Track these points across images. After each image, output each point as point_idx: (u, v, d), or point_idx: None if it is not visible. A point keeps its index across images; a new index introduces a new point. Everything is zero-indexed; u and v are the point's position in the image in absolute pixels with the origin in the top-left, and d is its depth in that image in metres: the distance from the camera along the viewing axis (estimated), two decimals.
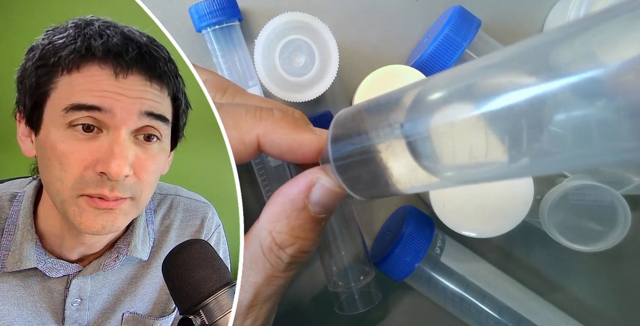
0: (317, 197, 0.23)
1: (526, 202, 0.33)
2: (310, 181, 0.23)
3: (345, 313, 0.38)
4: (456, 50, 0.36)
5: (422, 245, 0.36)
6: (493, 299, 0.37)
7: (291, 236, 0.23)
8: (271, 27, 0.35)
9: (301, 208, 0.23)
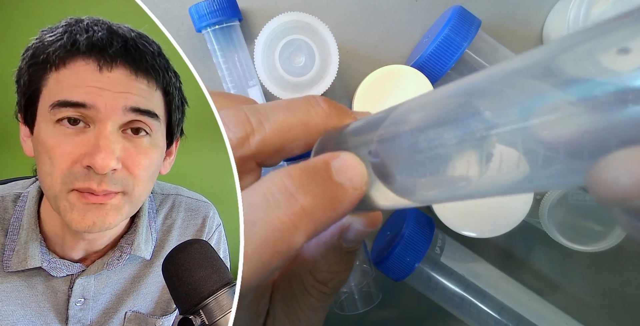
0: (352, 237, 0.23)
1: (526, 201, 0.33)
2: (342, 225, 0.23)
3: (345, 313, 0.38)
4: (456, 50, 0.36)
5: (422, 245, 0.36)
6: (493, 299, 0.37)
7: (330, 272, 0.24)
8: (271, 27, 0.35)
9: (336, 248, 0.24)
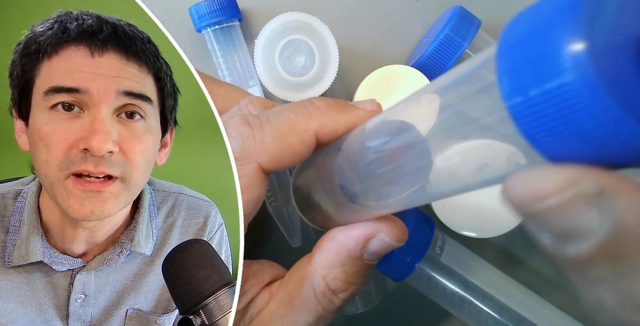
0: (376, 249, 0.23)
1: None
2: (369, 234, 0.23)
3: (345, 313, 0.38)
4: (456, 50, 0.36)
5: (422, 245, 0.36)
6: (493, 299, 0.37)
7: (345, 282, 0.23)
8: (271, 27, 0.35)
9: (357, 258, 0.23)
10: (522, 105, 0.12)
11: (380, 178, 0.20)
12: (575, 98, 0.11)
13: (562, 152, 0.12)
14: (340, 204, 0.23)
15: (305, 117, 0.24)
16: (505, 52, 0.13)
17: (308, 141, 0.24)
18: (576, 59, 0.10)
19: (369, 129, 0.22)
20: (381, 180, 0.20)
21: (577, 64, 0.10)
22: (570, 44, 0.11)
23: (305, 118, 0.24)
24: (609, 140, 0.11)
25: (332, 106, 0.24)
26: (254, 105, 0.27)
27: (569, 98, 0.11)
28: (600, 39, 0.10)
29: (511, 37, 0.12)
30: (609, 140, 0.11)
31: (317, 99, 0.25)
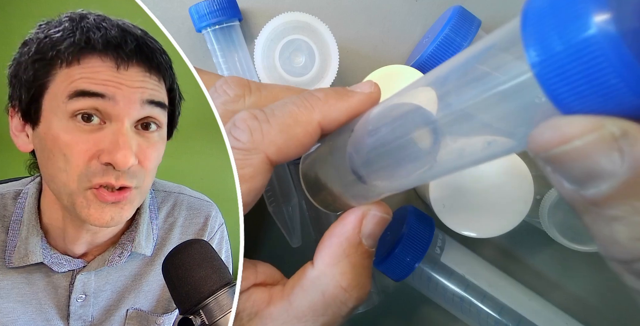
0: (370, 228, 0.24)
1: (526, 202, 0.33)
2: (362, 214, 0.24)
3: None
4: (456, 50, 0.36)
5: (422, 245, 0.36)
6: (493, 299, 0.37)
7: (354, 275, 0.24)
8: (271, 27, 0.35)
9: (357, 244, 0.24)
10: (547, 62, 0.13)
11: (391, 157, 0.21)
12: (598, 51, 0.12)
13: (583, 109, 0.13)
14: (349, 184, 0.24)
15: (307, 109, 0.24)
16: (531, 14, 0.13)
17: (312, 132, 0.24)
18: (600, 18, 0.12)
19: (381, 111, 0.23)
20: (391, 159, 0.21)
21: (601, 22, 0.12)
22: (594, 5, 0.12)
23: (308, 110, 0.24)
24: (629, 96, 0.12)
25: (331, 95, 0.25)
26: (228, 84, 0.28)
27: (592, 52, 0.12)
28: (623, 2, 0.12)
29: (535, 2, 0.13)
30: (629, 96, 0.12)
31: (316, 90, 0.25)
